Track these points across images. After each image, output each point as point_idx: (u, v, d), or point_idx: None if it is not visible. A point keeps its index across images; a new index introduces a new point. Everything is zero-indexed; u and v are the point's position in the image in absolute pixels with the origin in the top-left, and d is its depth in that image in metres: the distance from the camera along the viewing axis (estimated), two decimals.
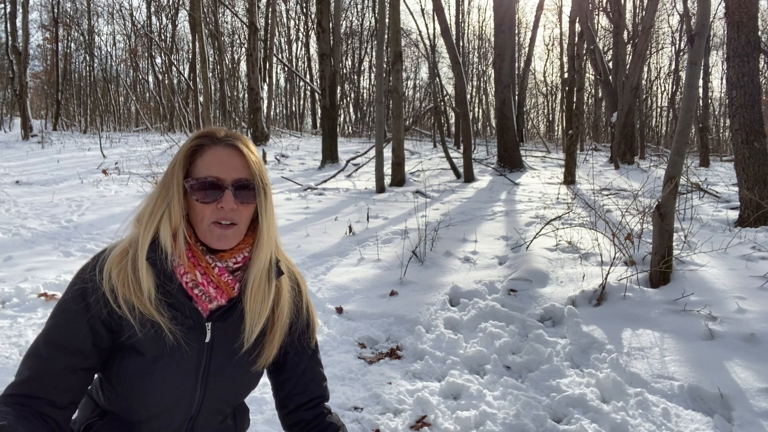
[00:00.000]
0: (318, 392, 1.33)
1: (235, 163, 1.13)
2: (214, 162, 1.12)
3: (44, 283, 4.08)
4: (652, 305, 3.46)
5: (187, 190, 1.12)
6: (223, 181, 1.11)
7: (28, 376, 1.08)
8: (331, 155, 12.68)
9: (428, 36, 22.85)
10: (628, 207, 5.48)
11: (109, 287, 1.10)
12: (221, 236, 1.13)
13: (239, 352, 1.19)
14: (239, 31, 32.39)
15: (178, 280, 1.13)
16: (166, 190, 1.12)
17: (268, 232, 1.17)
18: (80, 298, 1.11)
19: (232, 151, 1.14)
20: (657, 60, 29.57)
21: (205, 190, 1.11)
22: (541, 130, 32.31)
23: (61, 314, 1.12)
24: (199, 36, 12.04)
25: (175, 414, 1.19)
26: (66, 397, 1.09)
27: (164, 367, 1.14)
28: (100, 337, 1.12)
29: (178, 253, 1.12)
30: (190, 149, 1.14)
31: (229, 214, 1.12)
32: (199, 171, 1.13)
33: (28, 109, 18.30)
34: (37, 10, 38.02)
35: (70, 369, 1.09)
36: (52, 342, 1.10)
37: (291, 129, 29.31)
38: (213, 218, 1.12)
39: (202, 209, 1.12)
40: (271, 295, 1.19)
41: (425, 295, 3.92)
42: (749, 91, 5.90)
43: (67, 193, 8.34)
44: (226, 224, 1.13)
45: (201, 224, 1.13)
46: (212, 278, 1.14)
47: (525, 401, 2.49)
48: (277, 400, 1.35)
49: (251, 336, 1.18)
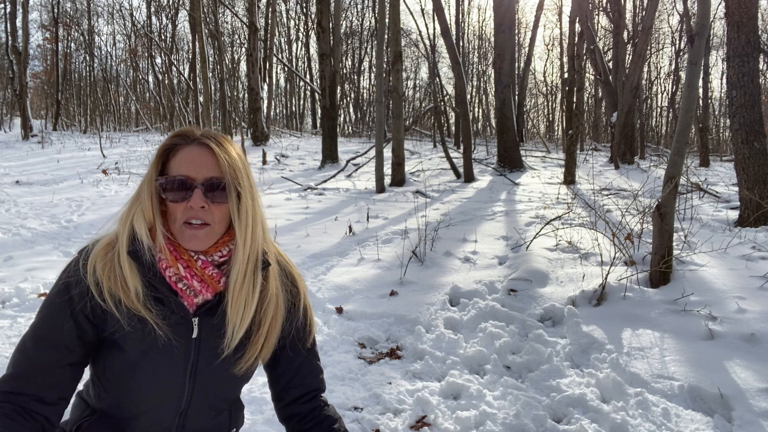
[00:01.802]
0: (314, 385, 1.33)
1: (206, 161, 1.12)
2: (185, 161, 1.12)
3: (44, 283, 4.08)
4: (652, 305, 3.46)
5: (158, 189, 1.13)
6: (193, 180, 1.10)
7: (14, 373, 1.08)
8: (331, 155, 12.68)
9: (428, 36, 22.85)
10: (628, 207, 5.47)
11: (94, 281, 1.10)
12: (192, 237, 1.11)
13: (228, 347, 1.18)
14: (239, 31, 32.41)
15: (161, 274, 1.12)
16: (141, 188, 1.14)
17: (244, 234, 1.14)
18: (64, 292, 1.11)
19: (204, 150, 1.13)
20: (657, 60, 29.59)
21: (175, 189, 1.11)
22: (541, 130, 32.31)
23: (46, 309, 1.13)
24: (199, 36, 12.04)
25: (164, 410, 1.19)
26: (54, 392, 1.09)
27: (151, 363, 1.14)
28: (84, 331, 1.12)
29: (158, 247, 1.12)
30: (164, 149, 1.15)
31: (199, 214, 1.10)
32: (171, 170, 1.13)
33: (28, 109, 18.29)
34: (37, 10, 38.05)
35: (56, 364, 1.09)
36: (38, 338, 1.10)
37: (291, 129, 29.31)
38: (184, 218, 1.11)
39: (174, 208, 1.12)
40: (256, 295, 1.17)
41: (425, 295, 3.92)
42: (749, 91, 5.90)
43: (67, 193, 8.34)
44: (198, 224, 1.11)
45: (174, 224, 1.13)
46: (196, 271, 1.14)
47: (525, 401, 2.49)
48: (273, 392, 1.35)
49: (234, 337, 1.16)
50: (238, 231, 1.14)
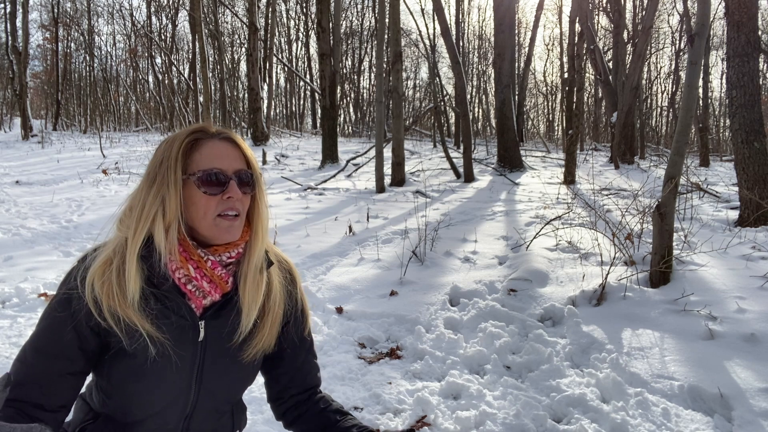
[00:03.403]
0: (314, 383, 1.35)
1: (234, 154, 1.15)
2: (215, 155, 1.13)
3: (44, 283, 4.08)
4: (652, 305, 3.46)
5: (194, 183, 1.11)
6: (226, 172, 1.13)
7: (15, 382, 1.07)
8: (331, 155, 12.68)
9: (428, 36, 22.87)
10: (628, 207, 5.47)
11: (92, 298, 1.08)
12: (230, 228, 1.13)
13: (233, 347, 1.19)
14: (239, 31, 32.43)
15: (171, 277, 1.11)
16: (159, 187, 1.10)
17: (262, 225, 1.19)
18: (66, 305, 1.10)
19: (229, 144, 1.16)
20: (657, 60, 29.60)
21: (212, 182, 1.11)
22: (541, 130, 32.31)
23: (47, 320, 1.11)
24: (199, 36, 12.04)
25: (170, 414, 1.18)
26: (54, 401, 1.08)
27: (157, 369, 1.13)
28: (87, 341, 1.11)
29: (169, 248, 1.10)
30: (187, 144, 1.13)
31: (236, 204, 1.13)
32: (200, 164, 1.12)
33: (28, 109, 18.29)
34: (37, 10, 38.05)
35: (56, 374, 1.08)
36: (39, 348, 1.09)
37: (291, 129, 29.31)
38: (218, 210, 1.11)
39: (206, 202, 1.11)
40: (263, 287, 1.20)
41: (425, 295, 3.92)
42: (749, 91, 5.90)
43: (67, 193, 8.34)
44: (233, 215, 1.13)
45: (204, 219, 1.11)
46: (205, 272, 1.13)
47: (525, 401, 2.49)
48: (272, 391, 1.34)
49: (247, 327, 1.18)
50: (257, 222, 1.18)
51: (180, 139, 1.13)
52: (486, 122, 27.53)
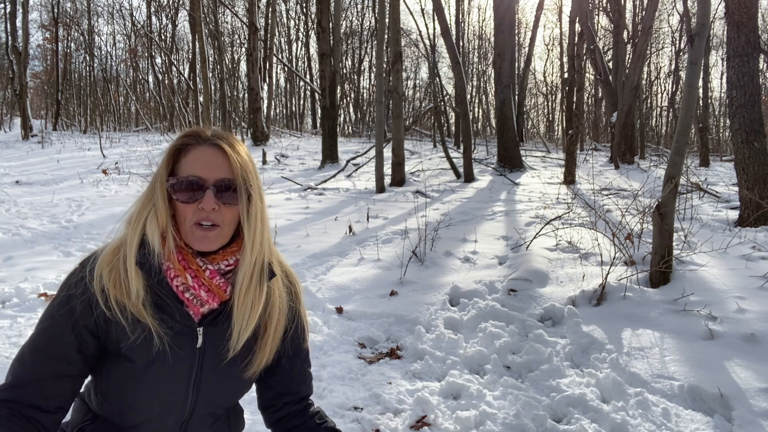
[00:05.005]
0: (308, 392, 1.35)
1: (218, 162, 1.10)
2: (197, 161, 1.10)
3: (44, 283, 4.08)
4: (652, 305, 3.46)
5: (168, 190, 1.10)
6: (204, 180, 1.08)
7: (13, 382, 1.07)
8: (331, 155, 12.68)
9: (428, 36, 22.87)
10: (628, 207, 5.47)
11: (100, 288, 1.08)
12: (203, 238, 1.10)
13: (231, 357, 1.18)
14: (239, 31, 32.42)
15: (168, 284, 1.11)
16: (152, 190, 1.11)
17: (252, 236, 1.13)
18: (65, 304, 1.10)
19: (215, 151, 1.11)
20: (657, 60, 29.59)
21: (186, 189, 1.09)
22: (541, 130, 32.31)
23: (46, 321, 1.11)
24: (199, 36, 12.05)
25: (167, 419, 1.18)
26: (51, 402, 1.08)
27: (155, 374, 1.12)
28: (85, 344, 1.10)
29: (167, 255, 1.10)
30: (175, 148, 1.13)
31: (210, 215, 1.09)
32: (182, 170, 1.11)
33: (28, 109, 18.29)
34: (37, 10, 38.05)
35: (55, 376, 1.08)
36: (37, 349, 1.09)
37: (291, 129, 29.31)
38: (194, 219, 1.09)
39: (184, 209, 1.10)
40: (262, 299, 1.17)
41: (425, 295, 3.92)
42: (749, 91, 5.90)
43: (67, 193, 8.34)
44: (208, 226, 1.10)
45: (183, 225, 1.11)
46: (203, 281, 1.12)
47: (525, 401, 2.49)
48: (265, 399, 1.33)
49: (239, 340, 1.15)
50: (246, 233, 1.13)
51: (172, 143, 1.14)
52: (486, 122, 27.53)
